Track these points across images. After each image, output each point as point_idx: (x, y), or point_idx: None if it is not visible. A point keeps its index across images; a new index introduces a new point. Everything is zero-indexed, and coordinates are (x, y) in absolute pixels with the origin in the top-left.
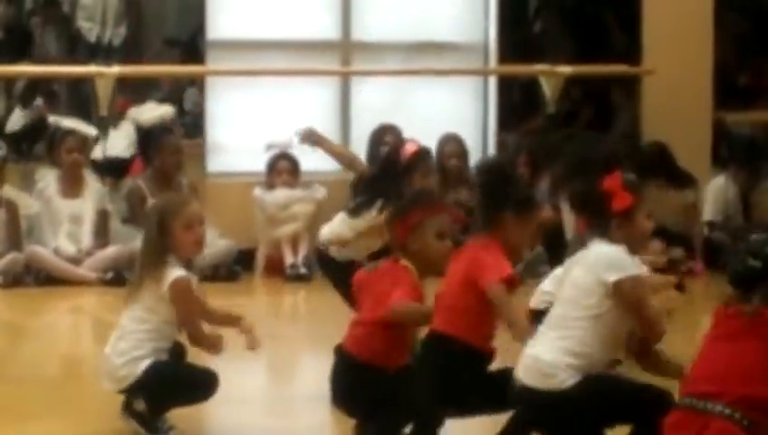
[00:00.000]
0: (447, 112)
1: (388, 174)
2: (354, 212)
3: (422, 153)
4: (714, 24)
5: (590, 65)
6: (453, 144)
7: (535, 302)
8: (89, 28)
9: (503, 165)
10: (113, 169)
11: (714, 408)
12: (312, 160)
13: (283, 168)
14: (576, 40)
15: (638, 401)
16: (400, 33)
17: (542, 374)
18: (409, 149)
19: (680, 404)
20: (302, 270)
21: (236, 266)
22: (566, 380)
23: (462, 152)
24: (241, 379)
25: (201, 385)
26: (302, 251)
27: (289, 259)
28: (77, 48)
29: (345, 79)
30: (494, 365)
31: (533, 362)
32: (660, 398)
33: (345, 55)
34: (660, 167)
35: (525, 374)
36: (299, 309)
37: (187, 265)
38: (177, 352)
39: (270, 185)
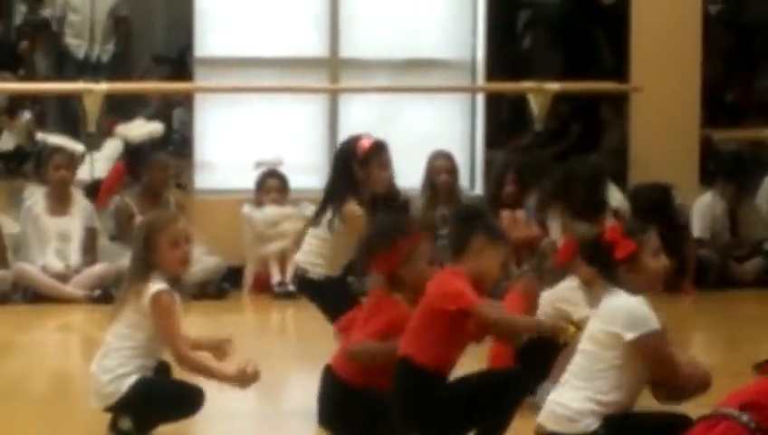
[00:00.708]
0: (435, 129)
1: (342, 172)
2: (315, 222)
3: (378, 146)
4: (701, 41)
5: (577, 82)
6: (443, 160)
7: None
8: (77, 45)
9: (476, 206)
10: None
11: (725, 411)
12: (301, 178)
13: (271, 185)
14: (564, 57)
15: (663, 430)
16: (388, 50)
17: (568, 420)
18: (365, 143)
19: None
20: (291, 287)
21: (225, 284)
22: (591, 424)
23: (452, 168)
24: (228, 396)
25: (187, 401)
26: (291, 269)
27: (277, 277)
28: (65, 65)
29: (333, 96)
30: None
31: (561, 409)
32: (681, 420)
33: (333, 72)
34: (662, 211)
35: (551, 420)
36: (287, 326)
37: (174, 283)
38: (163, 369)
39: (258, 202)
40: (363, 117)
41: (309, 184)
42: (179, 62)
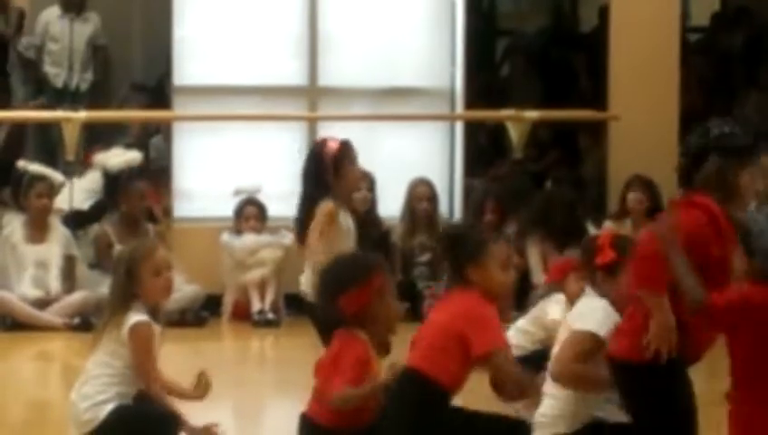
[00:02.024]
0: (414, 157)
1: (314, 180)
2: (298, 237)
3: (346, 143)
4: (679, 69)
5: (556, 110)
6: (423, 187)
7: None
8: (55, 74)
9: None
10: (77, 222)
11: None
12: (280, 206)
13: (250, 213)
14: (543, 85)
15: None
16: (367, 79)
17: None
18: (332, 145)
19: None
20: (270, 316)
21: (204, 312)
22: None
23: (432, 195)
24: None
25: (164, 425)
26: (270, 297)
27: (256, 305)
28: (43, 93)
29: (312, 124)
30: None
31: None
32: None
33: (312, 100)
34: None
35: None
36: (266, 355)
37: (154, 312)
38: (143, 397)
39: (237, 230)
40: None
41: (288, 212)
42: (158, 91)
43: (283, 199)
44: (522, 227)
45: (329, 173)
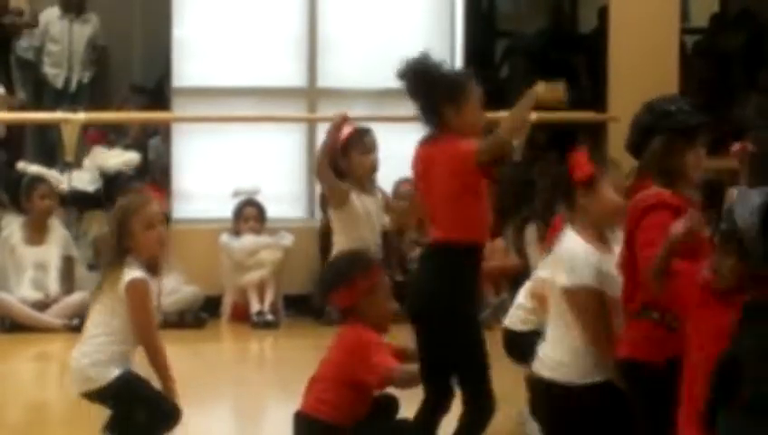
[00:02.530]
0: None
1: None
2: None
3: (358, 132)
4: (679, 71)
5: (555, 112)
6: (406, 186)
7: (511, 321)
8: (55, 75)
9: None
10: (79, 202)
11: None
12: (279, 207)
13: (249, 214)
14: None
15: None
16: (366, 80)
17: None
18: (344, 131)
19: None
20: (269, 317)
21: (203, 313)
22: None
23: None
24: (208, 425)
25: (165, 411)
26: (269, 298)
27: (255, 306)
28: (43, 94)
29: (311, 125)
30: None
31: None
32: None
33: (311, 102)
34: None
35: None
36: (265, 356)
37: (150, 266)
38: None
39: (236, 231)
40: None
41: (287, 213)
42: (157, 92)
43: (281, 201)
44: (518, 228)
45: (339, 157)
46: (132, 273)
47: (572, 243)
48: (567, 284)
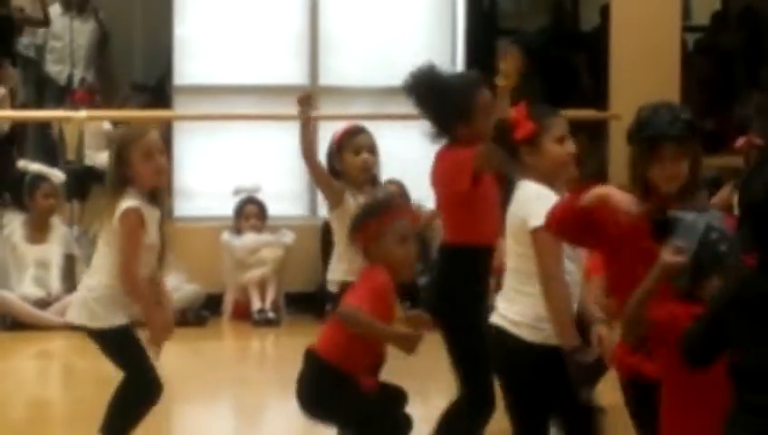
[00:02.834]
0: (415, 157)
1: (327, 163)
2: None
3: (351, 131)
4: (680, 69)
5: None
6: (392, 187)
7: None
8: (57, 72)
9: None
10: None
11: None
12: (280, 205)
13: (250, 212)
14: (543, 84)
15: None
16: (368, 78)
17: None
18: (338, 130)
19: None
20: (270, 315)
21: (204, 311)
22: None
23: (401, 194)
24: (209, 422)
25: (147, 381)
26: (270, 296)
27: (257, 304)
28: (45, 92)
29: (312, 123)
30: None
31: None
32: None
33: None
34: None
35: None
36: (267, 354)
37: (152, 197)
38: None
39: (238, 229)
40: None
41: (288, 211)
42: (158, 90)
43: (283, 199)
44: None
45: (333, 157)
46: (128, 202)
47: (534, 187)
48: (538, 223)
